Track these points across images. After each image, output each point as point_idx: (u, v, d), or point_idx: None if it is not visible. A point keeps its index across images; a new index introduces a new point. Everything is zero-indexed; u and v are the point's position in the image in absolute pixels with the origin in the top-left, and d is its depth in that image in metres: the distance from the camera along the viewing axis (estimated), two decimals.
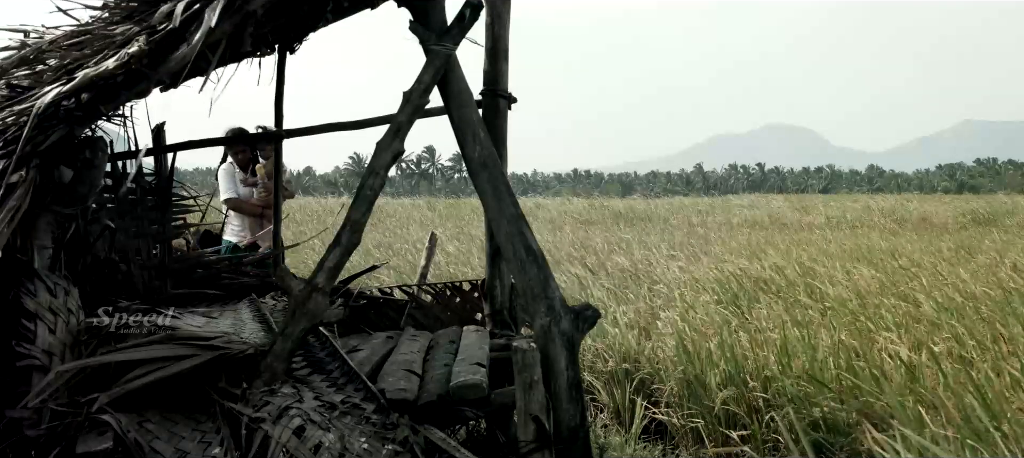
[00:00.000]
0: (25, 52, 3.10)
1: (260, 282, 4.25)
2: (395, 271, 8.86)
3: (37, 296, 2.47)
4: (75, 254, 3.11)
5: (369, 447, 2.27)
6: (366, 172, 2.78)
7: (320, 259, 2.73)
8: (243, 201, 5.82)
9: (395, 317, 4.29)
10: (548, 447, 2.49)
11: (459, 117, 2.88)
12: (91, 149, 2.91)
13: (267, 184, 5.52)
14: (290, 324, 2.65)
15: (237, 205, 5.82)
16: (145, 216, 3.86)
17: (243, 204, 5.83)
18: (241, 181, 5.81)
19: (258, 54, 3.82)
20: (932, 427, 3.03)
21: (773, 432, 3.89)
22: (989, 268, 7.17)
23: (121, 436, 2.17)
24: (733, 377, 4.30)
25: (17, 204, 2.40)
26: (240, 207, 5.83)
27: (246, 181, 5.83)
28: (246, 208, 5.83)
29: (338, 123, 4.55)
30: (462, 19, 2.89)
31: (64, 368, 2.34)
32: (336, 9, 3.25)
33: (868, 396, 3.71)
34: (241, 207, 5.83)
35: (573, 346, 2.69)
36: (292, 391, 2.53)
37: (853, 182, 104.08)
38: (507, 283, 3.87)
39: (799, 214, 20.91)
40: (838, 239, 12.29)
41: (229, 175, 5.88)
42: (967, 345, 4.32)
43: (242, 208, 5.84)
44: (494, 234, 2.83)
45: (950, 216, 18.54)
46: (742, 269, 8.10)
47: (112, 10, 3.05)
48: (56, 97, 2.42)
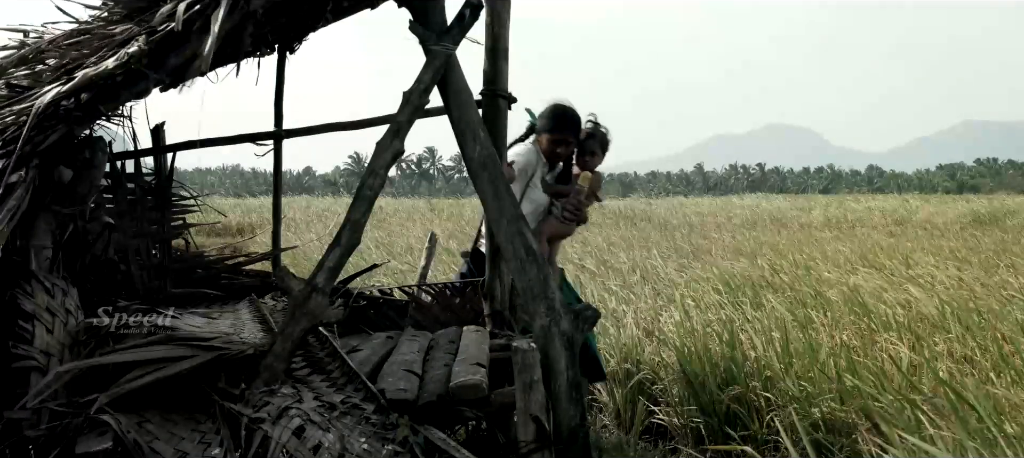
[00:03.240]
0: (24, 51, 3.10)
1: (260, 282, 4.24)
2: (393, 272, 8.86)
3: (35, 297, 2.47)
4: (74, 254, 3.10)
5: (369, 447, 2.27)
6: (366, 172, 2.78)
7: (320, 259, 2.73)
8: (538, 207, 3.87)
9: (395, 317, 4.28)
10: (548, 447, 2.49)
11: (459, 117, 2.87)
12: (91, 149, 2.91)
13: (583, 205, 3.69)
14: (290, 324, 2.64)
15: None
16: (145, 216, 3.85)
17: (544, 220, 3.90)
18: (544, 181, 3.85)
19: (258, 54, 3.82)
20: (931, 428, 3.02)
21: (774, 432, 3.89)
22: (990, 269, 7.17)
23: (120, 436, 2.16)
24: (734, 377, 4.30)
25: (16, 204, 2.39)
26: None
27: (553, 188, 3.87)
28: (548, 228, 3.85)
29: (338, 123, 4.54)
30: (462, 19, 2.89)
31: (63, 369, 2.34)
32: (336, 9, 3.24)
33: (869, 396, 3.71)
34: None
35: (573, 346, 2.69)
36: (292, 391, 2.53)
37: (853, 182, 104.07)
38: (507, 283, 3.86)
39: (800, 214, 20.90)
40: (839, 239, 12.29)
41: (530, 165, 3.86)
42: (968, 345, 4.32)
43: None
44: (494, 234, 2.83)
45: (951, 216, 18.54)
46: (743, 269, 8.10)
47: (112, 10, 3.05)
48: (55, 97, 2.42)
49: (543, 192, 3.86)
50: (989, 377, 3.64)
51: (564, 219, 3.73)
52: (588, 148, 3.88)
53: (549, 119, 3.86)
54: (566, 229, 3.88)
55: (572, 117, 3.83)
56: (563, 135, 3.82)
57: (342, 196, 37.27)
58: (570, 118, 3.83)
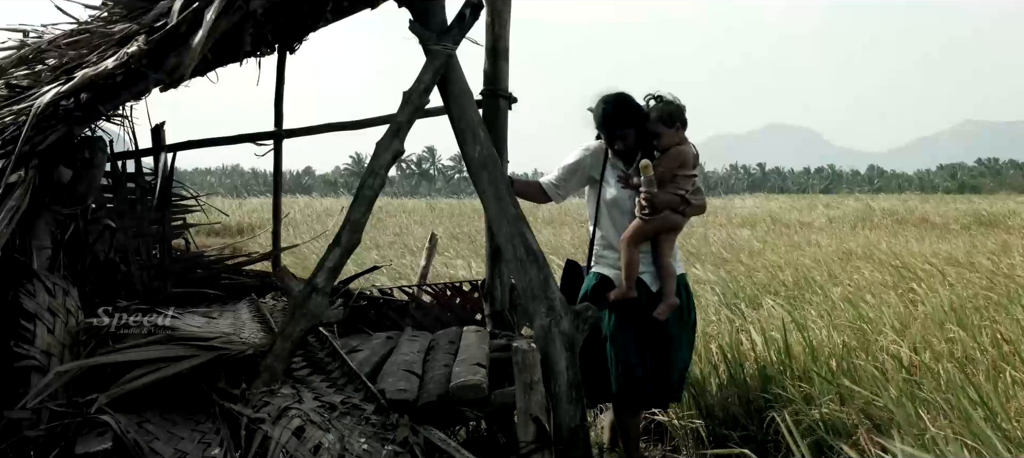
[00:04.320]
0: (24, 52, 3.10)
1: (260, 282, 4.24)
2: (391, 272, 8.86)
3: (36, 297, 2.47)
4: (74, 254, 3.11)
5: (369, 448, 2.27)
6: (366, 172, 2.78)
7: (320, 259, 2.72)
8: (621, 204, 3.51)
9: (395, 318, 4.28)
10: (548, 448, 2.49)
11: (459, 117, 2.87)
12: (90, 149, 2.91)
13: (655, 196, 3.32)
14: (290, 324, 2.65)
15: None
16: (145, 216, 3.85)
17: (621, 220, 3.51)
18: (619, 180, 3.50)
19: (258, 54, 3.82)
20: (932, 428, 3.02)
21: (774, 433, 3.89)
22: (990, 269, 7.16)
23: (120, 436, 2.17)
24: (734, 378, 4.30)
25: (16, 204, 2.39)
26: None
27: (628, 181, 3.48)
28: (630, 231, 3.42)
29: (338, 123, 4.55)
30: (462, 19, 2.89)
31: (63, 369, 2.34)
32: (336, 9, 3.25)
33: (868, 397, 3.71)
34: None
35: (573, 347, 2.69)
36: (292, 392, 2.53)
37: (854, 182, 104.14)
38: (507, 283, 3.86)
39: (800, 214, 20.90)
40: (839, 239, 12.28)
41: (582, 164, 3.66)
42: (968, 345, 4.32)
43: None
44: (494, 234, 2.83)
45: (952, 216, 18.54)
46: (743, 269, 8.09)
47: (111, 9, 3.05)
48: (55, 97, 2.42)
49: (623, 187, 3.49)
50: (989, 377, 3.64)
51: (642, 217, 3.34)
52: (652, 131, 3.43)
53: (595, 121, 3.57)
54: (658, 224, 3.37)
55: (611, 111, 3.44)
56: (610, 132, 3.48)
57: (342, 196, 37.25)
58: (610, 113, 3.45)
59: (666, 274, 3.44)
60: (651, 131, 3.43)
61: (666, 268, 3.44)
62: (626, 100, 3.49)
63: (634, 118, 3.45)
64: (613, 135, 3.48)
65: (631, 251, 3.38)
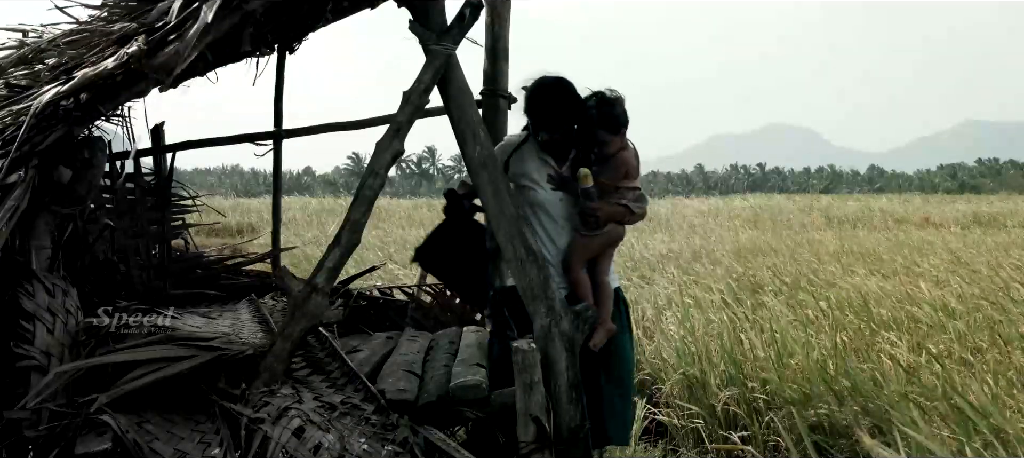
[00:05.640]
0: (24, 51, 3.10)
1: (260, 282, 4.24)
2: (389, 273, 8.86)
3: (35, 297, 2.47)
4: (74, 254, 3.11)
5: (369, 448, 2.27)
6: (366, 172, 2.77)
7: (320, 259, 2.72)
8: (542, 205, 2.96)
9: (395, 318, 4.28)
10: (548, 448, 2.49)
11: (459, 117, 2.87)
12: (90, 149, 2.91)
13: (598, 209, 2.84)
14: (289, 324, 2.64)
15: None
16: (145, 216, 3.85)
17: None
18: (550, 181, 2.91)
19: (257, 54, 3.82)
20: (930, 428, 3.02)
21: (774, 433, 3.89)
22: (990, 270, 7.16)
23: (120, 437, 2.17)
24: (734, 378, 4.30)
25: (16, 204, 2.39)
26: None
27: (561, 183, 2.91)
28: (576, 250, 2.92)
29: (338, 123, 4.55)
30: (462, 19, 2.88)
31: (63, 369, 2.34)
32: (336, 9, 3.25)
33: (868, 397, 3.71)
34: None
35: (573, 347, 2.68)
36: (291, 392, 2.53)
37: (854, 182, 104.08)
38: (507, 283, 3.86)
39: (801, 214, 20.91)
40: (839, 239, 12.28)
41: (503, 150, 3.07)
42: (967, 346, 4.32)
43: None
44: (494, 234, 2.83)
45: (952, 217, 18.53)
46: (743, 269, 8.09)
47: (111, 9, 3.05)
48: (54, 97, 2.42)
49: (553, 189, 2.92)
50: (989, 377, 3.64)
51: (587, 234, 2.88)
52: (598, 137, 2.88)
53: (524, 104, 2.95)
54: (603, 240, 2.92)
55: (536, 99, 2.88)
56: (535, 124, 2.91)
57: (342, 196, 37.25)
58: (534, 101, 2.89)
59: (604, 294, 2.91)
60: (597, 138, 2.90)
61: (604, 287, 2.93)
62: (564, 87, 2.87)
63: (570, 111, 2.86)
64: (538, 128, 2.91)
65: (581, 273, 2.91)
